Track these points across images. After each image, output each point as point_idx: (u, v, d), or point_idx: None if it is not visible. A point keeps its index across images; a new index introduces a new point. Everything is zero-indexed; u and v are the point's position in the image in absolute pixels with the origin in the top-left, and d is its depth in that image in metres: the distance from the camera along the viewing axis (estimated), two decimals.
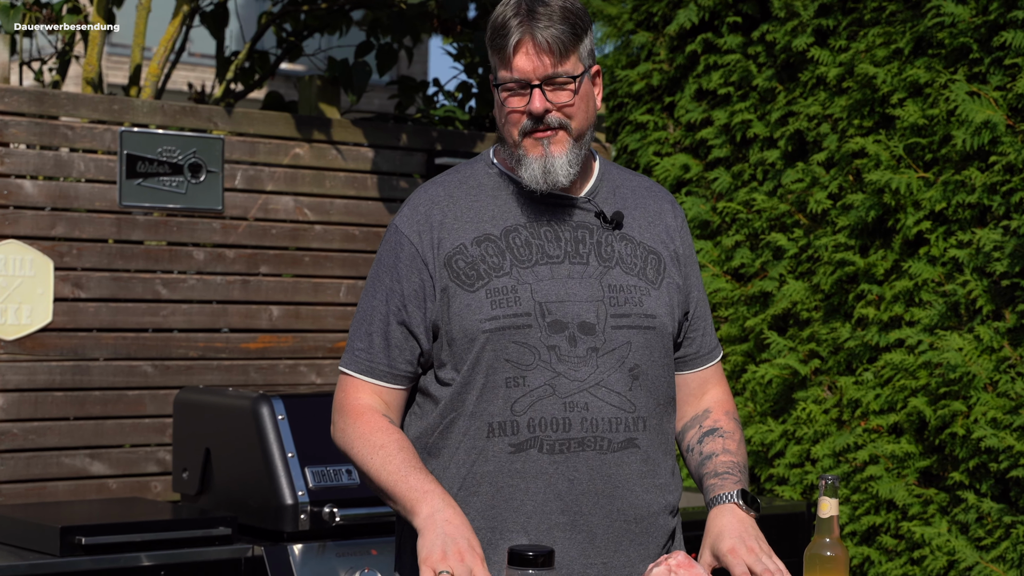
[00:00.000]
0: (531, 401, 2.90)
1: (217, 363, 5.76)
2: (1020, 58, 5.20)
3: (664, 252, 3.08)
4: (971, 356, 5.27)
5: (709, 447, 3.10)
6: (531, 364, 2.90)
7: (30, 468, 5.37)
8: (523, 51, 2.90)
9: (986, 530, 5.25)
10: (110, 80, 14.41)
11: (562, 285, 2.94)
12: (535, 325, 2.91)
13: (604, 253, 3.01)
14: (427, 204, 3.00)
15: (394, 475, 2.87)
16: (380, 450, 2.91)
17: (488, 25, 2.96)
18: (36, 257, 5.37)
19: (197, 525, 4.69)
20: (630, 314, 2.97)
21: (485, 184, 3.03)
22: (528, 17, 2.90)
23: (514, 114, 2.94)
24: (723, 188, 6.25)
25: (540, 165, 2.93)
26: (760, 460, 6.05)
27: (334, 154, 6.04)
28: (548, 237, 2.98)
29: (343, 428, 3.00)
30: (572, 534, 2.91)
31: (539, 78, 2.90)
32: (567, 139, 2.94)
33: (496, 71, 2.95)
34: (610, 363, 2.94)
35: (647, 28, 6.69)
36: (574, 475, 2.91)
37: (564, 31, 2.91)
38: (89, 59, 6.06)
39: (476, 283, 2.93)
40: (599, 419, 2.92)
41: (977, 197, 5.30)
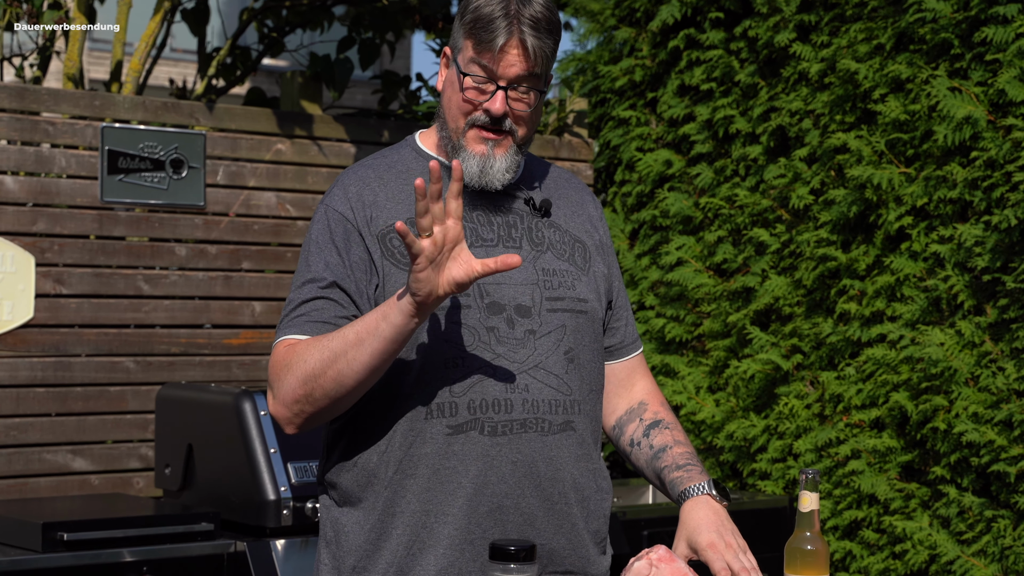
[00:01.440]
0: (471, 383, 2.86)
1: (199, 359, 5.76)
2: (1001, 54, 5.22)
3: (588, 241, 3.08)
4: (952, 351, 5.28)
5: (659, 440, 3.08)
6: (471, 344, 2.86)
7: (12, 464, 5.37)
8: (507, 52, 2.87)
9: (967, 524, 5.26)
10: (91, 75, 14.37)
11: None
12: (474, 306, 2.88)
13: (535, 238, 3.00)
14: (357, 184, 2.97)
15: (353, 324, 2.79)
16: (331, 334, 2.81)
17: (468, 7, 2.92)
18: (17, 253, 5.36)
19: (179, 521, 4.68)
20: (564, 297, 2.97)
21: (414, 169, 3.00)
22: (517, 19, 2.87)
23: (468, 104, 2.90)
24: (705, 183, 6.26)
25: (478, 163, 2.91)
26: (742, 455, 6.06)
27: (316, 150, 6.03)
28: (480, 221, 2.96)
29: (284, 369, 2.85)
30: (512, 516, 2.88)
31: (508, 80, 2.88)
32: (510, 145, 2.93)
33: (463, 53, 2.91)
34: (547, 345, 2.92)
35: (629, 24, 6.69)
36: (517, 457, 2.87)
37: (549, 45, 2.90)
38: (70, 55, 6.05)
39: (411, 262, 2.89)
40: (539, 400, 2.89)
41: (958, 192, 5.31)
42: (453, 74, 2.94)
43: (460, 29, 2.92)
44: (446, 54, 2.98)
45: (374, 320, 2.76)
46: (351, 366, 2.78)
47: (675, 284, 6.30)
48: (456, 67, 2.93)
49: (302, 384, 2.82)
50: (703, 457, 6.21)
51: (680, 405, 6.24)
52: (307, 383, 2.81)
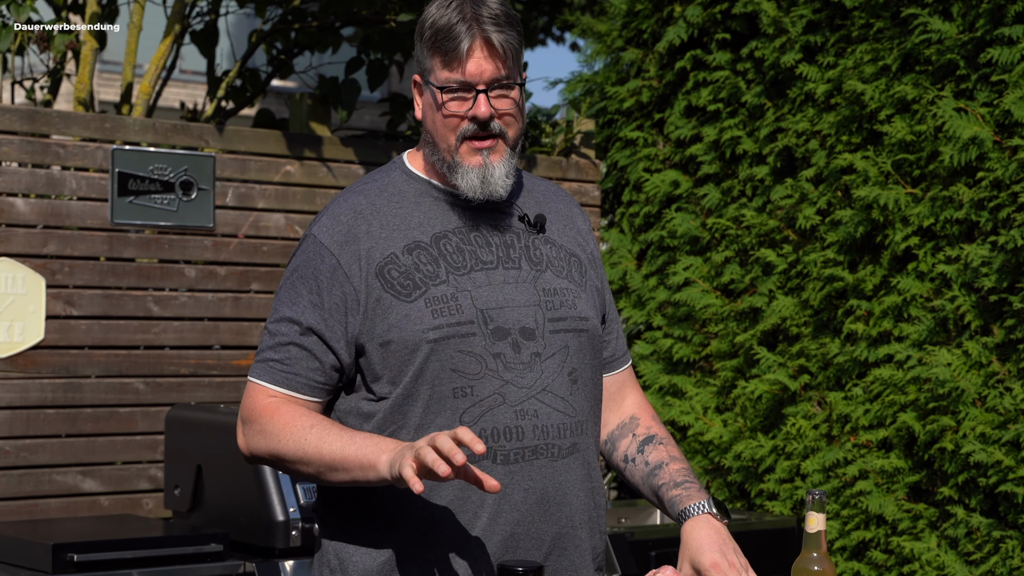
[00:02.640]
0: (481, 411, 2.83)
1: (208, 380, 5.77)
2: (1007, 74, 5.23)
3: (582, 255, 3.06)
4: (960, 371, 5.29)
5: (654, 456, 3.07)
6: (478, 373, 2.83)
7: (22, 485, 5.38)
8: (476, 54, 2.84)
9: (975, 545, 5.27)
10: (102, 97, 14.41)
11: (499, 291, 2.90)
12: (479, 333, 2.85)
13: (534, 257, 2.97)
14: (349, 214, 2.91)
15: (337, 443, 2.76)
16: (312, 428, 2.80)
17: (424, 26, 2.89)
18: (28, 275, 5.38)
19: (189, 542, 4.70)
20: (566, 317, 2.94)
21: (406, 191, 2.96)
22: (476, 20, 2.84)
23: (452, 118, 2.87)
24: (712, 204, 6.27)
25: (478, 174, 2.88)
26: (750, 475, 6.07)
27: (325, 171, 6.06)
28: (479, 243, 2.93)
29: (260, 429, 2.86)
30: (523, 543, 2.87)
31: (486, 82, 2.85)
32: (504, 149, 2.90)
33: (433, 72, 2.88)
34: (553, 368, 2.90)
35: (636, 45, 6.72)
36: (529, 484, 2.86)
37: (513, 37, 2.88)
38: (81, 78, 6.08)
39: (413, 292, 2.85)
40: (549, 426, 2.88)
41: (965, 213, 5.32)
42: (428, 95, 2.91)
43: (423, 50, 2.90)
44: (417, 82, 2.96)
45: (355, 459, 2.75)
46: (323, 477, 2.82)
47: (682, 304, 6.31)
48: (430, 87, 2.89)
49: (270, 455, 2.87)
50: (711, 477, 6.22)
51: (688, 425, 6.24)
52: (276, 458, 2.86)
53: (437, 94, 2.88)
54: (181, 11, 6.34)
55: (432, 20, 2.87)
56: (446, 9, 2.87)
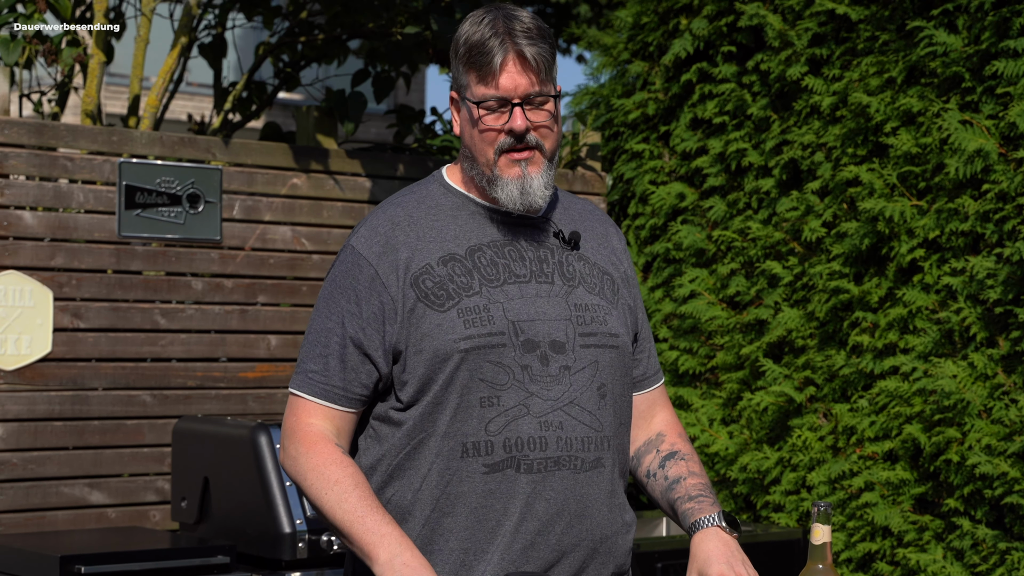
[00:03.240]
0: (506, 421, 2.88)
1: (215, 392, 5.79)
2: (1012, 87, 5.24)
3: (615, 273, 3.10)
4: (965, 383, 5.29)
5: (674, 471, 3.11)
6: (505, 384, 2.88)
7: (30, 498, 5.39)
8: (509, 68, 2.90)
9: (981, 556, 5.27)
10: (109, 110, 14.44)
11: (531, 304, 2.94)
12: (509, 344, 2.90)
13: (567, 272, 3.02)
14: (387, 225, 2.98)
15: (350, 514, 2.85)
16: (335, 486, 2.88)
17: (459, 43, 2.95)
18: (35, 288, 5.40)
19: (196, 554, 4.71)
20: (596, 332, 2.99)
21: (443, 204, 3.02)
22: (509, 34, 2.90)
23: (490, 132, 2.93)
24: (718, 216, 6.28)
25: (518, 186, 2.94)
26: (756, 487, 6.07)
27: (331, 184, 6.07)
28: (513, 256, 2.98)
29: (295, 456, 2.95)
30: (542, 553, 2.90)
31: (520, 96, 2.91)
32: (542, 160, 2.96)
33: (469, 87, 2.94)
34: (581, 381, 2.94)
35: (642, 58, 6.73)
36: (550, 495, 2.90)
37: (546, 49, 2.93)
38: (88, 91, 6.10)
39: (446, 303, 2.91)
40: (573, 438, 2.92)
41: (970, 225, 5.33)
42: (466, 111, 2.96)
43: (459, 66, 2.96)
44: (454, 98, 3.01)
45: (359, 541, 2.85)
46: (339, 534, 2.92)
47: (688, 316, 6.32)
48: (467, 102, 2.95)
49: (294, 482, 2.99)
50: (716, 489, 6.22)
51: (694, 437, 6.25)
52: (298, 487, 2.98)
53: (474, 109, 2.93)
54: (188, 24, 6.36)
55: (466, 37, 2.94)
56: (479, 25, 2.93)
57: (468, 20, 2.97)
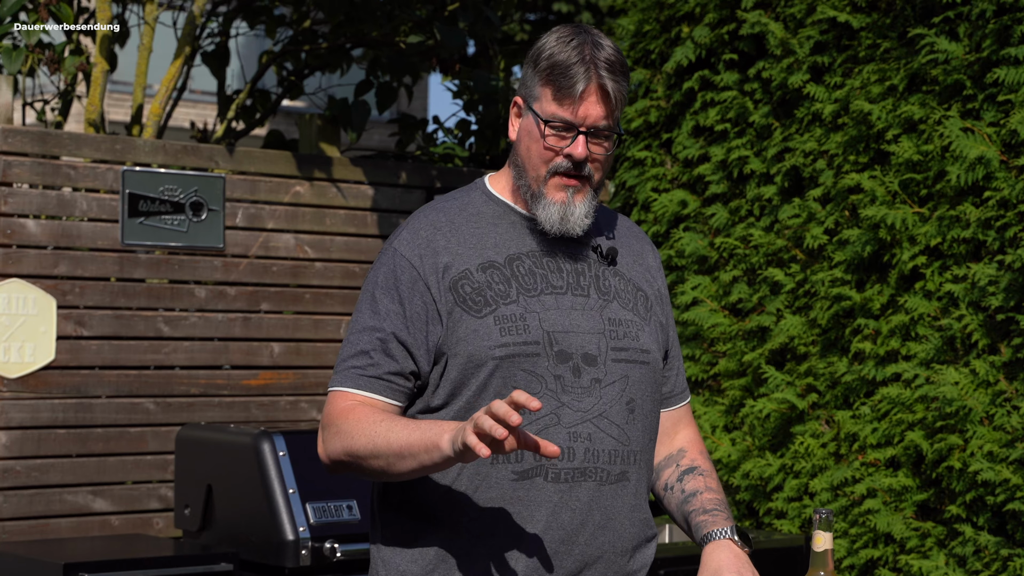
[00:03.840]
0: (536, 430, 2.88)
1: (219, 400, 5.80)
2: (1013, 94, 5.25)
3: (649, 291, 3.12)
4: (967, 390, 5.30)
5: (691, 485, 3.12)
6: (538, 392, 2.89)
7: (33, 505, 5.40)
8: (587, 97, 2.91)
9: (983, 563, 5.27)
10: (112, 117, 14.46)
11: (567, 316, 2.96)
12: (543, 354, 2.91)
13: (603, 287, 3.03)
14: (428, 229, 2.99)
15: (403, 431, 2.81)
16: (382, 423, 2.85)
17: (541, 55, 2.96)
18: (39, 296, 5.41)
19: (199, 561, 4.72)
20: (628, 348, 3.00)
21: (484, 212, 3.03)
22: (594, 64, 2.91)
23: (549, 151, 2.94)
24: (720, 224, 6.29)
25: (559, 211, 2.95)
26: (758, 494, 6.07)
27: (334, 192, 6.08)
28: (551, 268, 2.99)
29: (336, 431, 2.91)
30: (564, 561, 2.92)
31: (589, 125, 2.92)
32: (588, 191, 2.97)
33: (540, 102, 2.94)
34: (612, 395, 2.96)
35: (645, 65, 6.74)
36: (575, 504, 2.91)
37: (624, 87, 2.96)
38: (91, 99, 6.11)
39: (483, 309, 2.92)
40: (600, 450, 2.94)
41: (972, 232, 5.34)
42: (530, 123, 2.97)
43: (535, 77, 2.95)
44: (518, 103, 3.00)
45: (420, 443, 2.79)
46: (392, 469, 2.85)
47: (691, 323, 6.33)
48: (534, 115, 2.95)
49: (345, 454, 2.90)
50: None
51: None
52: (351, 457, 2.89)
53: (540, 125, 2.94)
54: (192, 32, 6.37)
55: (551, 52, 2.93)
56: (566, 45, 2.93)
57: (554, 34, 2.97)
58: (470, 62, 7.29)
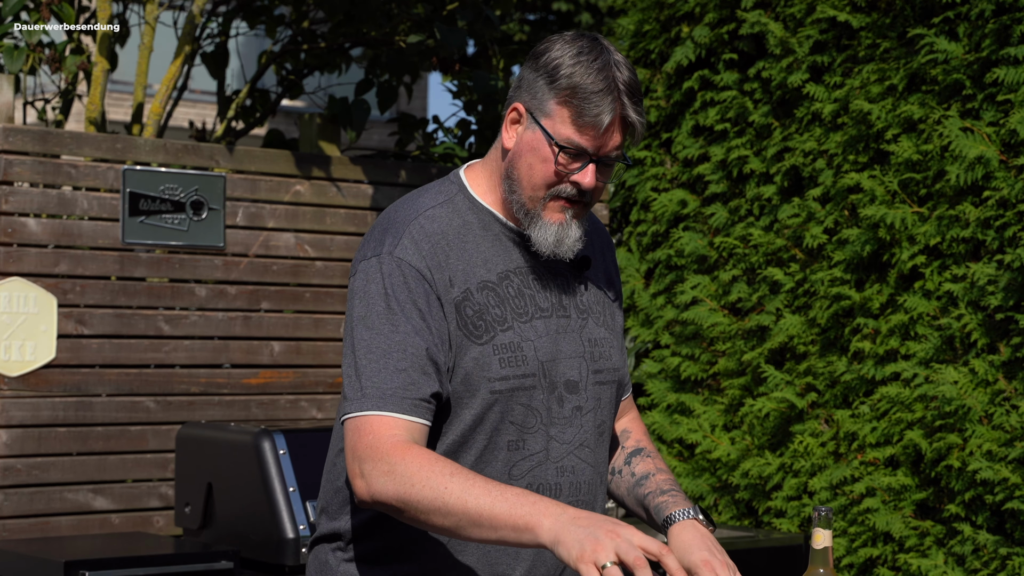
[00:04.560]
0: (530, 466, 2.80)
1: (219, 398, 5.80)
2: (1012, 94, 5.26)
3: (613, 291, 3.03)
4: (966, 389, 5.30)
5: (641, 467, 3.04)
6: (532, 427, 2.80)
7: (33, 503, 5.41)
8: (609, 130, 2.76)
9: (982, 562, 5.28)
10: (112, 117, 14.47)
11: (553, 342, 2.85)
12: (539, 387, 2.81)
13: (581, 304, 2.92)
14: (428, 241, 2.78)
15: (485, 497, 2.56)
16: (453, 477, 2.59)
17: (559, 72, 2.76)
18: (39, 294, 5.42)
19: (199, 559, 4.72)
20: (603, 369, 2.92)
21: (471, 222, 2.85)
22: (619, 93, 2.75)
23: (555, 175, 2.78)
24: (720, 223, 6.30)
25: (556, 233, 2.80)
26: (758, 493, 6.08)
27: (334, 191, 6.09)
28: (536, 287, 2.86)
29: (388, 470, 2.63)
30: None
31: (600, 154, 2.78)
32: (584, 213, 2.84)
33: (553, 121, 2.76)
34: (590, 423, 2.89)
35: (644, 65, 6.75)
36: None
37: (643, 114, 2.79)
38: (92, 98, 6.12)
39: (483, 335, 2.78)
40: (582, 483, 2.87)
41: (971, 232, 5.35)
42: (537, 139, 2.78)
43: (550, 93, 2.77)
44: (519, 110, 2.81)
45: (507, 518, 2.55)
46: (462, 533, 2.61)
47: (690, 323, 6.33)
48: (544, 134, 2.77)
49: (399, 500, 2.63)
50: (719, 495, 6.23)
51: (695, 443, 6.26)
52: (405, 505, 2.64)
53: (553, 148, 2.76)
54: (192, 32, 6.38)
55: (572, 72, 2.74)
56: (590, 67, 2.75)
57: (571, 47, 2.77)
58: (470, 62, 7.29)
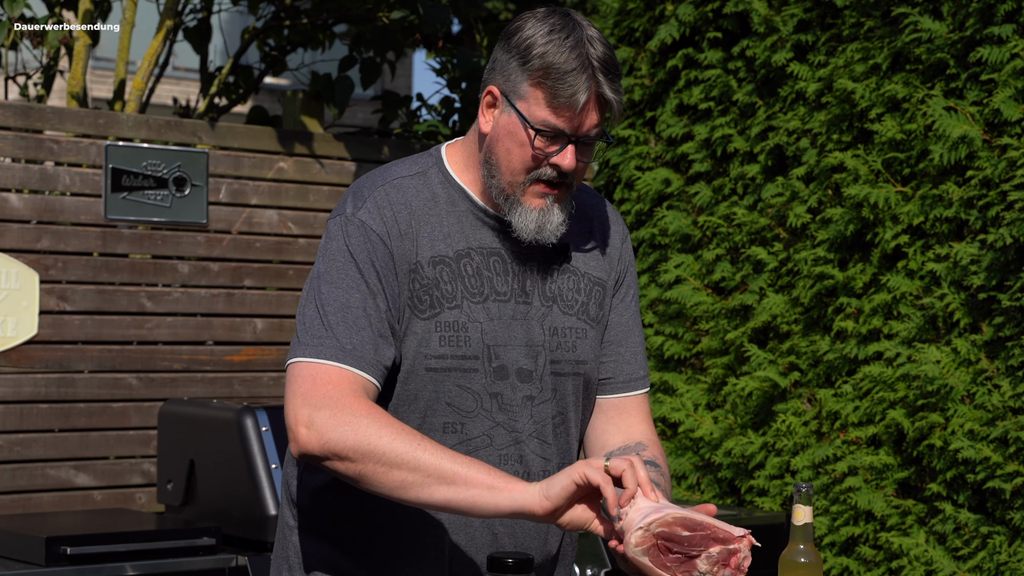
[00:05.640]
0: (467, 451, 2.70)
1: (201, 375, 5.79)
2: (996, 74, 5.26)
3: (609, 281, 2.92)
4: (948, 369, 5.31)
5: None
6: (472, 411, 2.72)
7: (15, 480, 5.40)
8: (586, 109, 2.68)
9: (963, 540, 5.30)
10: (95, 94, 14.40)
11: (507, 327, 2.76)
12: (481, 370, 2.73)
13: (548, 291, 2.82)
14: (390, 208, 2.73)
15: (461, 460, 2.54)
16: (423, 438, 2.56)
17: (531, 52, 2.68)
18: (21, 270, 5.40)
19: (181, 535, 4.72)
20: (562, 360, 2.81)
21: (439, 195, 2.78)
22: (594, 71, 2.66)
23: (535, 159, 2.70)
24: (704, 202, 6.30)
25: (536, 218, 2.72)
26: (740, 472, 6.09)
27: (317, 168, 6.08)
28: (496, 269, 2.78)
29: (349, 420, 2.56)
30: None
31: (579, 135, 2.69)
32: (566, 196, 2.75)
33: (528, 103, 2.69)
34: (544, 413, 2.80)
35: (628, 43, 6.74)
36: (498, 528, 2.78)
37: (621, 90, 2.70)
38: (74, 73, 6.10)
39: (427, 311, 2.71)
40: (531, 472, 2.77)
41: (954, 211, 5.35)
42: (512, 123, 2.71)
43: (523, 75, 2.69)
44: (493, 94, 2.74)
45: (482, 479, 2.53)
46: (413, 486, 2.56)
47: (674, 302, 6.34)
48: (519, 117, 2.70)
49: (355, 449, 2.56)
50: (701, 474, 6.24)
51: (678, 422, 6.27)
52: (360, 453, 2.56)
53: (529, 131, 2.69)
54: (174, 8, 6.36)
55: (544, 52, 2.67)
56: (561, 45, 2.67)
57: (542, 25, 2.70)
58: (454, 39, 7.26)
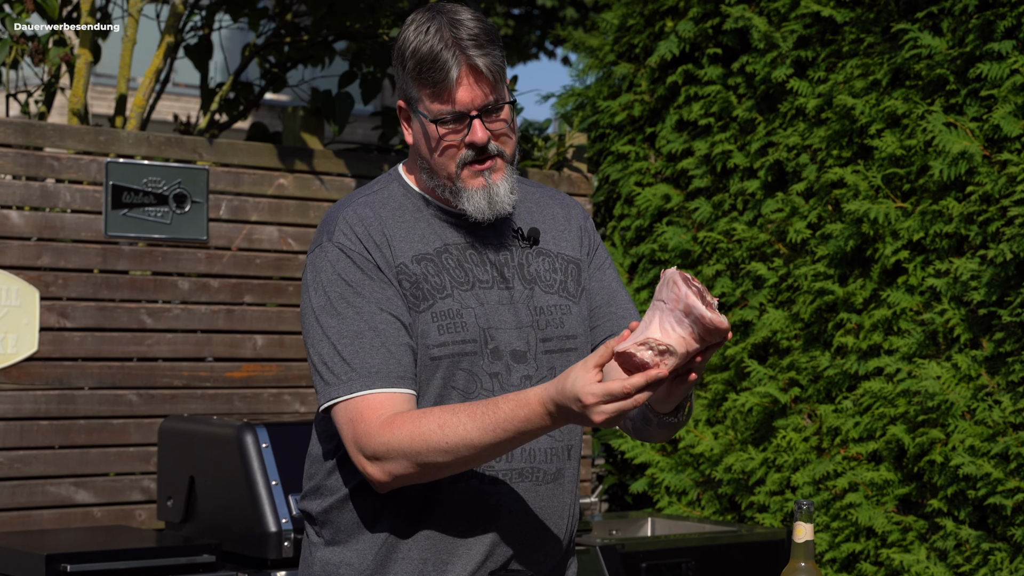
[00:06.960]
0: None
1: (201, 392, 5.79)
2: (996, 90, 5.27)
3: (583, 259, 3.04)
4: (949, 384, 5.31)
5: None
6: (474, 392, 2.83)
7: (15, 496, 5.40)
8: (464, 83, 2.80)
9: (964, 557, 5.29)
10: (95, 110, 14.42)
11: (496, 312, 2.88)
12: (480, 352, 2.84)
13: (527, 274, 2.94)
14: (360, 224, 2.87)
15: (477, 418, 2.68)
16: (440, 421, 2.70)
17: (404, 55, 2.84)
18: (22, 287, 5.40)
19: (181, 553, 4.71)
20: (552, 337, 2.92)
21: (406, 206, 2.92)
22: (459, 45, 2.79)
23: (451, 148, 2.84)
24: (704, 218, 6.30)
25: (484, 196, 2.85)
26: (740, 488, 6.09)
27: (318, 184, 6.08)
28: (474, 260, 2.91)
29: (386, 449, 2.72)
30: (500, 560, 2.86)
31: (478, 108, 2.82)
32: (504, 166, 2.87)
33: (422, 102, 2.84)
34: None
35: (628, 60, 6.75)
36: (513, 507, 2.86)
37: (497, 56, 2.83)
38: (75, 90, 6.10)
39: (421, 303, 2.84)
40: (537, 449, 2.87)
41: (954, 227, 5.36)
42: (421, 126, 2.88)
43: (407, 79, 2.85)
44: (403, 108, 2.91)
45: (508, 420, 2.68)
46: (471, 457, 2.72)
47: None
48: (421, 117, 2.86)
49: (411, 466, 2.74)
50: (702, 490, 6.24)
51: (679, 438, 6.27)
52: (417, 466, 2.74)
53: (431, 126, 2.85)
54: (175, 25, 6.36)
55: (413, 48, 2.82)
56: (425, 36, 2.81)
57: (411, 27, 2.84)
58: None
